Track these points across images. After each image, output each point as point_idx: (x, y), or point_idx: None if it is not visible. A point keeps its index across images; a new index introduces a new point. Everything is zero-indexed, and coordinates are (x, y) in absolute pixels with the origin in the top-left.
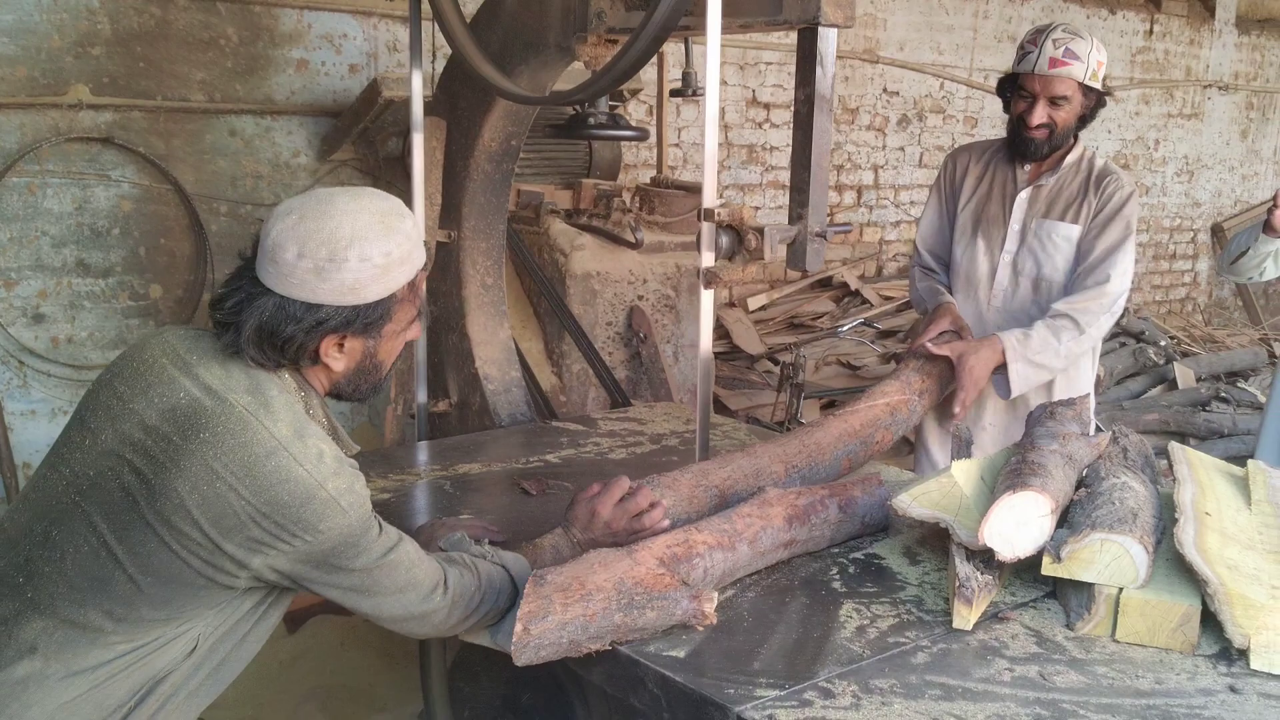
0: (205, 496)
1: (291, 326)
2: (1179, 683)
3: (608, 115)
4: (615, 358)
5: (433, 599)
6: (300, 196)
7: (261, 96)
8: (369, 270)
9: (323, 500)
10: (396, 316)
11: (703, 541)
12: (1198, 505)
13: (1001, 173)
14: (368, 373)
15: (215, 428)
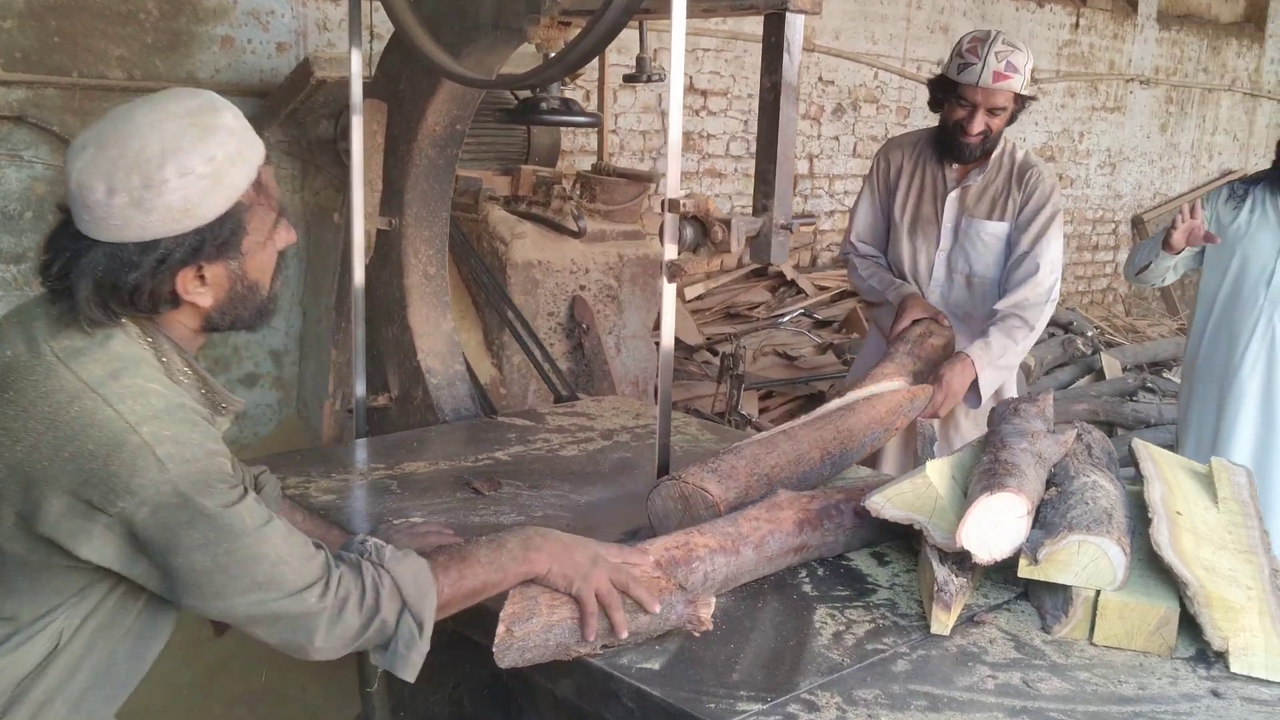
0: (10, 460)
1: (132, 275)
2: (1162, 688)
3: (560, 101)
4: (557, 349)
5: (305, 598)
6: (95, 124)
7: (184, 74)
8: (196, 184)
9: (134, 448)
10: (252, 226)
11: (704, 544)
12: (1168, 504)
13: (930, 171)
14: (244, 298)
15: (19, 383)
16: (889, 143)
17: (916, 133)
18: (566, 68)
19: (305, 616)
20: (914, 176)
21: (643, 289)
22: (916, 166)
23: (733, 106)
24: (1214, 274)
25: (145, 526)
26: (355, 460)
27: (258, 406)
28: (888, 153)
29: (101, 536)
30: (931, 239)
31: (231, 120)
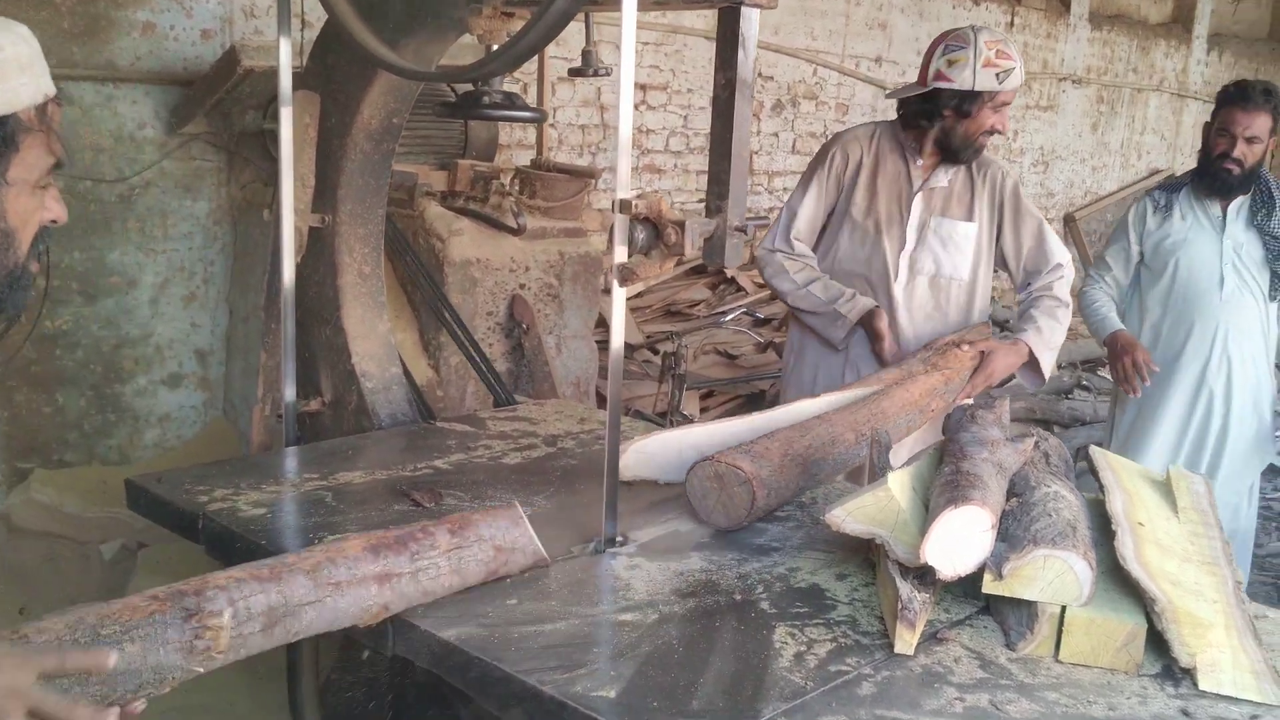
0: None
1: None
2: (1132, 708)
3: (503, 95)
4: (496, 349)
5: None
6: None
7: (102, 61)
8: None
9: None
10: (25, 150)
11: (226, 576)
12: (1130, 515)
13: (892, 167)
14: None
15: None
16: (843, 137)
17: (869, 126)
18: (512, 61)
19: None
20: (876, 174)
21: (584, 287)
22: (877, 162)
23: (672, 101)
24: (1154, 285)
25: None
26: (286, 470)
27: (182, 409)
28: (844, 146)
29: None
30: (895, 238)
31: (29, 34)
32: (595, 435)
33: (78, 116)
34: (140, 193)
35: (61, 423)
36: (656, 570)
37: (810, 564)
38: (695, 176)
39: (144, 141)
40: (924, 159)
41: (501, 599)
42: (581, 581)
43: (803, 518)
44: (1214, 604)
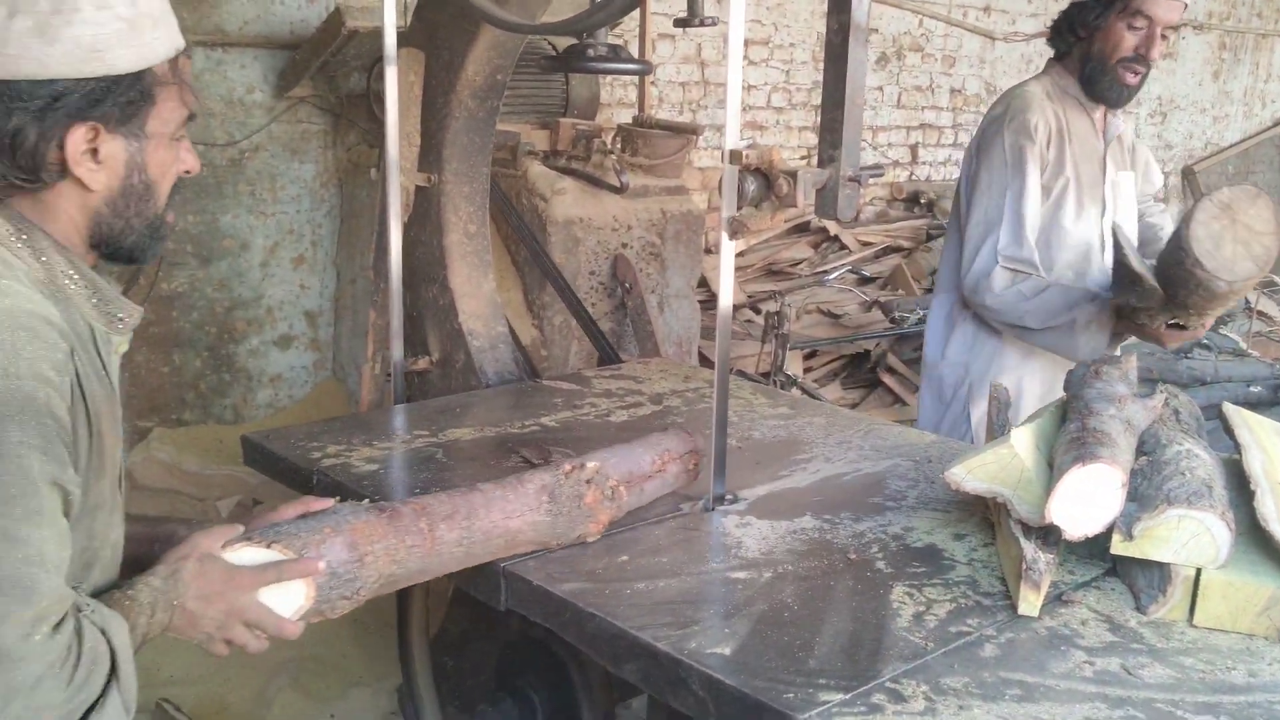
0: None
1: (18, 113)
2: (1274, 674)
3: (608, 48)
4: (599, 309)
5: (29, 637)
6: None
7: (212, 26)
8: (112, 24)
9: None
10: (161, 104)
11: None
12: (1270, 474)
13: (1079, 124)
14: (138, 194)
15: None
16: (1022, 102)
17: (1037, 83)
18: (617, 11)
19: (18, 655)
20: (1066, 138)
21: (686, 246)
22: (1061, 123)
23: (774, 56)
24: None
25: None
26: (396, 427)
27: (293, 369)
28: (1026, 113)
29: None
30: (1097, 205)
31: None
32: (701, 394)
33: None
34: (250, 156)
35: (179, 382)
36: (768, 528)
37: (926, 523)
38: (798, 133)
39: (253, 105)
40: (1099, 108)
41: (613, 555)
42: (692, 539)
43: (916, 476)
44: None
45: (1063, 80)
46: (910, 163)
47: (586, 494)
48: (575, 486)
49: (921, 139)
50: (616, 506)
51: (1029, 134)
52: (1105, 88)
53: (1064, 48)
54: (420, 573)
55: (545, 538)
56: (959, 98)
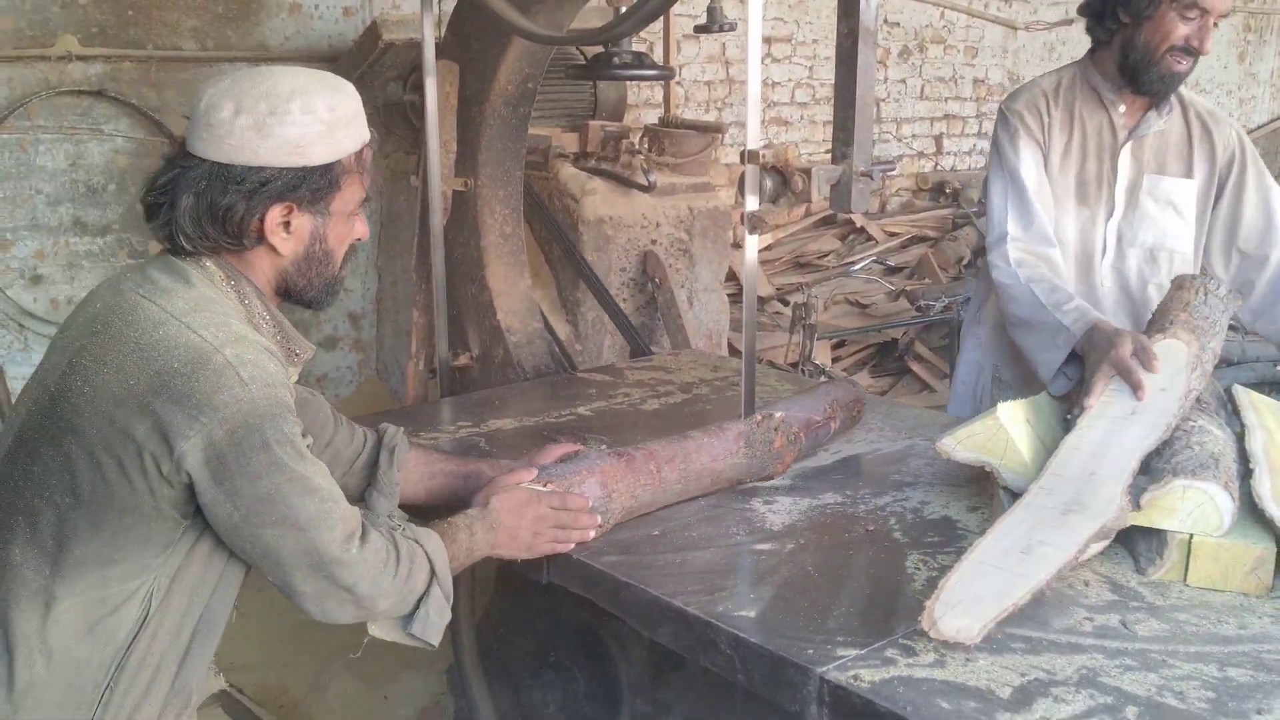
0: (96, 385)
1: (232, 193)
2: (1264, 627)
3: (633, 55)
4: (630, 304)
5: (351, 546)
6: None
7: (255, 43)
8: (314, 125)
9: (217, 367)
10: (345, 189)
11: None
12: (1270, 454)
13: (1093, 118)
14: (318, 260)
15: (108, 319)
16: (1028, 91)
17: (1052, 76)
18: (640, 21)
19: (346, 565)
20: (1072, 128)
21: (714, 241)
22: (1072, 116)
23: (797, 53)
24: None
25: (219, 446)
26: (442, 418)
27: (338, 369)
28: (1033, 104)
29: (187, 459)
30: (1101, 204)
31: (354, 94)
32: (729, 382)
33: None
34: None
35: None
36: (791, 505)
37: (941, 497)
38: (822, 127)
39: None
40: (1126, 103)
41: (646, 530)
42: (719, 516)
43: (933, 454)
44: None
45: (1086, 73)
46: (935, 153)
47: (775, 439)
48: (766, 433)
49: (946, 129)
50: (798, 449)
51: (1027, 119)
52: (1154, 78)
53: (1103, 36)
54: (650, 505)
55: (742, 475)
56: (982, 88)
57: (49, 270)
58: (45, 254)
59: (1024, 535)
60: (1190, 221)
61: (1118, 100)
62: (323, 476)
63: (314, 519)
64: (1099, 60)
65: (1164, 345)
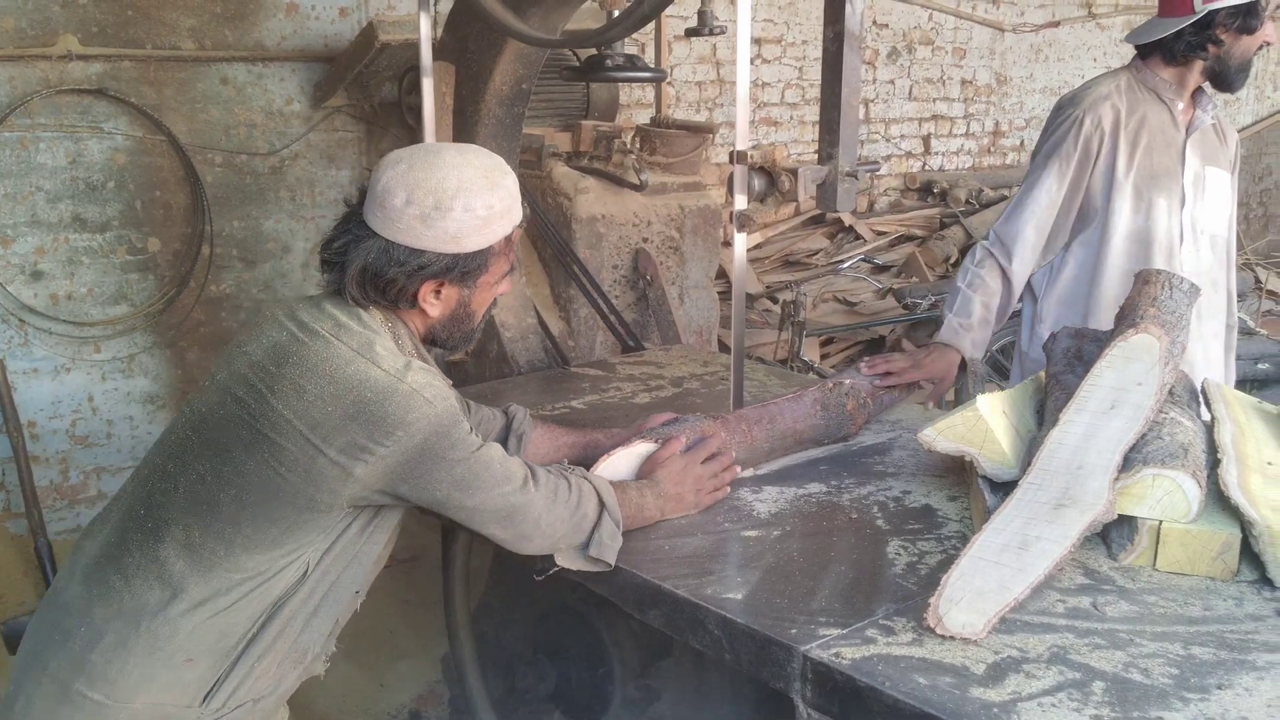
0: (297, 410)
1: (395, 269)
2: (1227, 609)
3: (625, 57)
4: (622, 301)
5: (528, 490)
6: (409, 148)
7: (252, 43)
8: (472, 221)
9: (404, 393)
10: (492, 268)
11: None
12: (1238, 445)
13: (1156, 116)
14: (461, 320)
15: (302, 352)
16: (1083, 100)
17: (1107, 80)
18: (633, 25)
19: (528, 506)
20: (1140, 128)
21: (704, 239)
22: (1134, 115)
23: (787, 54)
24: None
25: (415, 452)
26: None
27: None
28: (1096, 111)
29: (375, 465)
30: (1175, 197)
31: (511, 184)
32: (719, 377)
33: (232, 96)
34: (289, 164)
35: None
36: (778, 494)
37: (924, 487)
38: (812, 128)
39: (291, 116)
40: (1183, 100)
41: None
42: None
43: (916, 446)
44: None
45: (1142, 76)
46: (923, 153)
47: (848, 403)
48: (839, 398)
49: (934, 130)
50: (868, 412)
51: (1073, 132)
52: (1242, 80)
53: (1199, 53)
54: (744, 463)
55: (820, 436)
56: (970, 88)
57: (49, 266)
58: (45, 250)
59: (1019, 530)
60: (1231, 209)
61: (1176, 99)
62: (491, 449)
63: (496, 482)
64: (1152, 64)
65: (1137, 340)
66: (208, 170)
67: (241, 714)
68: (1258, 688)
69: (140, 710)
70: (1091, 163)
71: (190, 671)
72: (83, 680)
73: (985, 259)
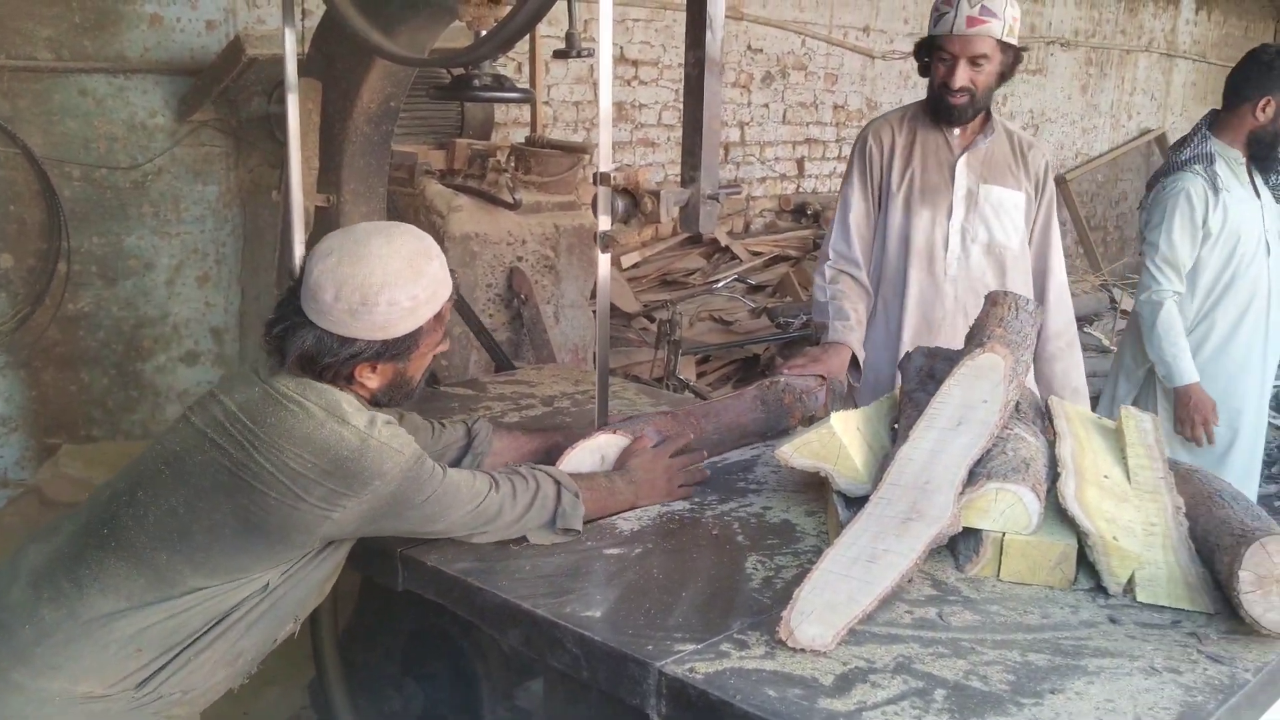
0: (278, 465)
1: (328, 357)
2: (1064, 616)
3: (493, 77)
4: (496, 319)
5: (493, 497)
6: (339, 234)
7: (113, 54)
8: (397, 312)
9: (376, 448)
10: (424, 344)
11: None
12: (1077, 459)
13: (931, 140)
14: (399, 386)
15: (278, 414)
16: (873, 123)
17: (902, 108)
18: (498, 46)
19: (494, 507)
20: (913, 148)
21: (580, 259)
22: (913, 138)
23: (664, 76)
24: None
25: (389, 497)
26: None
27: (199, 384)
28: (876, 132)
29: (347, 513)
30: (942, 210)
31: (437, 269)
32: (589, 395)
33: (92, 108)
34: (153, 179)
35: (87, 400)
36: (641, 513)
37: (784, 503)
38: None
39: (155, 129)
40: (960, 128)
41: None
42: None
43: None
44: (1152, 526)
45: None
46: (797, 175)
47: (784, 397)
48: (776, 394)
49: (807, 153)
50: (804, 406)
51: (860, 152)
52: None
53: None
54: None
55: (763, 428)
56: (842, 113)
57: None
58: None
59: (868, 544)
60: (1020, 224)
61: (954, 127)
62: (455, 475)
63: (463, 501)
64: None
65: (984, 359)
66: (65, 184)
67: (166, 704)
68: (1088, 691)
69: (77, 694)
70: (875, 178)
71: (136, 661)
72: (23, 670)
73: (837, 276)
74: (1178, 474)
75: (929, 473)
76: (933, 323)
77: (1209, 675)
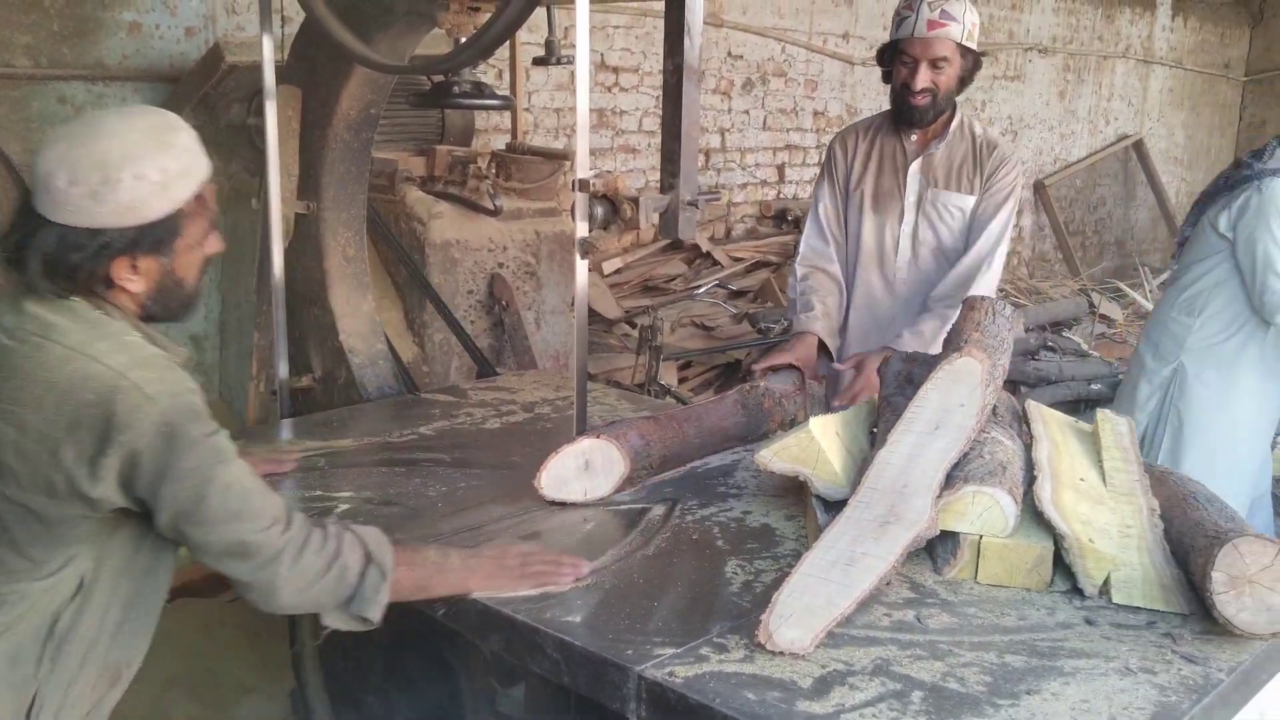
0: (20, 428)
1: (76, 255)
2: (1040, 618)
3: (472, 84)
4: (478, 326)
5: (270, 533)
6: (70, 123)
7: (92, 61)
8: (146, 188)
9: (125, 390)
10: (187, 231)
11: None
12: (1053, 462)
13: (889, 145)
14: (171, 290)
15: (13, 362)
16: (843, 130)
17: (870, 118)
18: (478, 53)
19: (271, 551)
20: (871, 154)
21: (560, 265)
22: (874, 144)
23: (644, 83)
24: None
25: (142, 457)
26: (281, 439)
27: None
28: (843, 139)
29: (108, 475)
30: (894, 215)
31: (187, 140)
32: (570, 401)
33: (71, 115)
34: None
35: None
36: (624, 517)
37: (763, 507)
38: None
39: None
40: (916, 133)
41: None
42: (556, 529)
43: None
44: (1128, 528)
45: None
46: (778, 181)
47: (764, 402)
48: (756, 398)
49: (788, 159)
50: (784, 410)
51: (829, 158)
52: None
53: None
54: (679, 458)
55: (744, 432)
56: (822, 119)
57: None
58: None
59: (846, 548)
60: (965, 228)
61: (911, 132)
62: (242, 472)
63: (236, 513)
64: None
65: (961, 363)
66: None
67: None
68: (1064, 692)
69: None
70: (840, 183)
71: (14, 704)
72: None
73: (808, 273)
74: (1153, 476)
75: (907, 476)
76: (880, 322)
77: (1183, 675)
